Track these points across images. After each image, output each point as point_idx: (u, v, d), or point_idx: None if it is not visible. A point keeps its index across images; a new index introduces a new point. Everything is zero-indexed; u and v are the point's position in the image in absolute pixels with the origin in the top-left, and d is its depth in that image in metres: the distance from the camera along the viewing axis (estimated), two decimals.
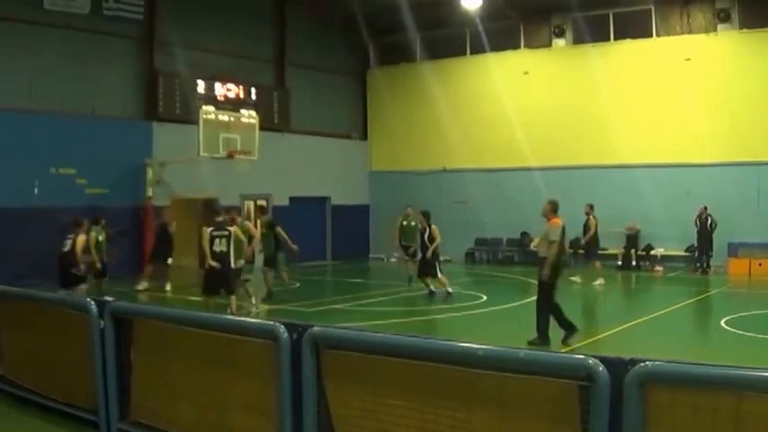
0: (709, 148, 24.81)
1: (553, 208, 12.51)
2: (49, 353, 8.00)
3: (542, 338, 12.07)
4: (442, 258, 24.37)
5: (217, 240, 13.48)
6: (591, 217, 21.84)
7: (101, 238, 15.86)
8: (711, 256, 24.03)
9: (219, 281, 13.74)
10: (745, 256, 24.21)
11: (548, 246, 12.10)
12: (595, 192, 26.21)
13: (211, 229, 13.64)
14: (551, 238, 12.09)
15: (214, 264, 13.56)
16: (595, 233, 21.84)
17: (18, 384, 8.38)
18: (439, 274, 17.97)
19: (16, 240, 19.98)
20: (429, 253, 17.92)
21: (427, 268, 18.09)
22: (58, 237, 20.72)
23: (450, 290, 17.87)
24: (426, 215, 18.57)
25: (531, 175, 27.39)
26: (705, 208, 23.67)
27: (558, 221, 12.31)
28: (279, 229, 17.77)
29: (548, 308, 12.22)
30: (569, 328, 12.19)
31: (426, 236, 18.15)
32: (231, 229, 13.95)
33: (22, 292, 9.29)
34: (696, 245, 24.50)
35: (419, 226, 18.78)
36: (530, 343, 11.66)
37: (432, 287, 18.30)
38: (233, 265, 14.07)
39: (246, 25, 27.62)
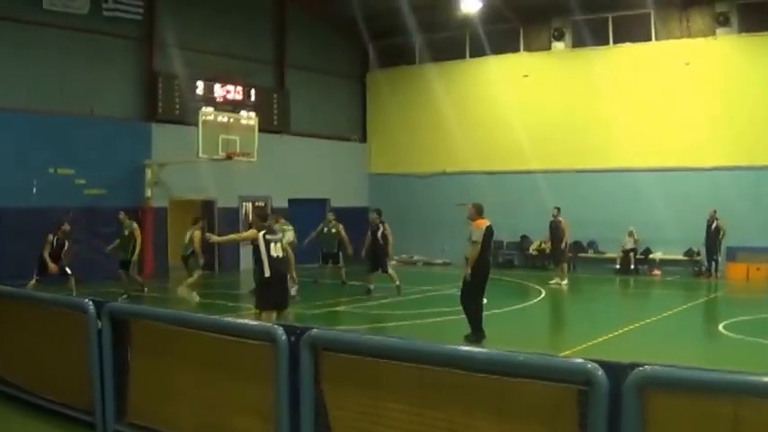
0: (709, 152, 24.81)
1: (478, 211, 12.87)
2: (46, 353, 7.98)
3: (476, 333, 12.47)
4: (440, 261, 24.41)
5: (272, 245, 11.72)
6: (562, 220, 22.22)
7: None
8: (716, 260, 24.01)
9: (279, 293, 11.94)
10: (744, 260, 24.20)
11: (471, 246, 12.52)
12: (594, 195, 26.34)
13: (264, 232, 11.79)
14: (473, 239, 12.48)
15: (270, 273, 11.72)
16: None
17: (15, 384, 8.36)
18: (389, 270, 19.19)
19: (15, 240, 19.97)
20: (390, 249, 19.35)
21: (383, 264, 19.18)
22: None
23: (372, 287, 19.16)
24: (379, 213, 19.63)
25: (531, 178, 27.46)
26: (714, 212, 23.61)
27: (481, 223, 12.62)
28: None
29: (474, 303, 12.71)
30: (479, 333, 12.56)
31: (380, 234, 19.09)
32: (281, 234, 12.29)
33: (19, 291, 9.28)
34: (704, 248, 24.43)
35: (372, 225, 19.54)
36: (465, 338, 12.02)
37: (371, 286, 19.29)
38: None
39: (246, 26, 27.64)
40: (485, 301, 13.11)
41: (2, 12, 21.09)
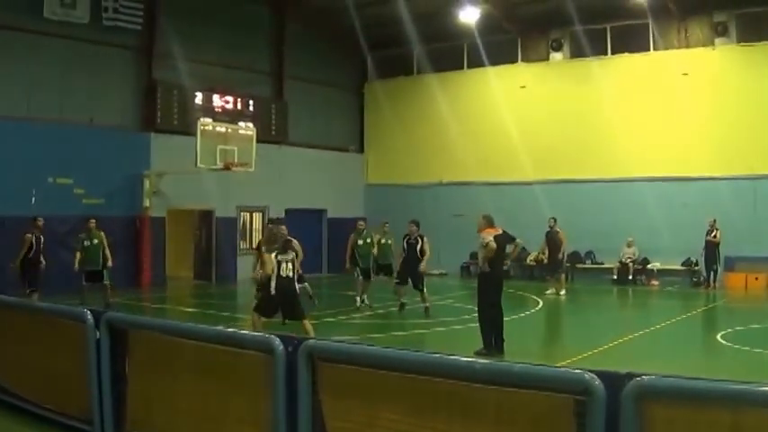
0: (707, 162, 24.85)
1: (488, 221, 13.00)
2: (44, 363, 7.96)
3: (488, 348, 12.35)
4: (436, 272, 24.23)
5: (283, 265, 12.00)
6: (559, 230, 22.53)
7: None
8: (715, 270, 24.03)
9: (284, 305, 12.34)
10: (742, 270, 24.23)
11: (482, 248, 12.67)
12: (591, 205, 26.38)
13: (276, 253, 12.09)
14: (482, 243, 12.62)
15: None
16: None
17: (13, 394, 8.34)
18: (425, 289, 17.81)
19: (13, 250, 19.91)
20: (423, 265, 17.70)
21: (418, 280, 17.77)
22: (56, 246, 20.74)
23: (405, 301, 18.04)
24: (418, 225, 18.21)
25: (529, 189, 27.47)
26: (714, 221, 23.63)
27: (491, 231, 12.75)
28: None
29: (488, 316, 12.63)
30: (490, 348, 12.40)
31: (419, 248, 17.75)
32: (292, 254, 12.36)
33: (17, 301, 9.28)
34: (703, 258, 24.40)
35: (411, 237, 18.01)
36: (476, 353, 11.79)
37: (403, 300, 18.20)
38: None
39: (245, 37, 27.69)
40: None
41: (2, 20, 21.11)
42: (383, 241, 19.61)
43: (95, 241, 17.40)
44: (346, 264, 19.01)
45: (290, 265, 12.05)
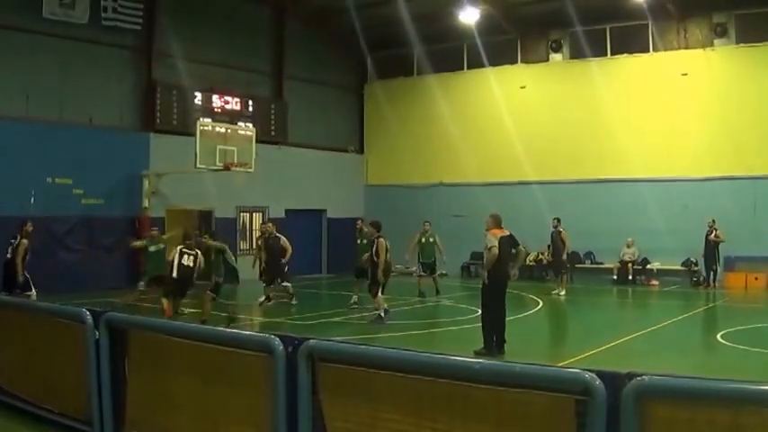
0: (706, 163, 24.87)
1: (495, 221, 12.97)
2: (44, 363, 7.96)
3: (488, 348, 12.37)
4: (438, 272, 24.30)
5: (185, 257, 15.51)
6: (563, 231, 22.63)
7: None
8: (715, 270, 24.03)
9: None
10: (742, 269, 24.25)
11: (487, 251, 12.58)
12: (591, 206, 26.36)
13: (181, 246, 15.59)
14: (488, 245, 12.56)
15: None
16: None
17: (13, 394, 8.33)
18: (379, 295, 16.54)
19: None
20: (379, 272, 16.31)
21: (370, 285, 16.80)
22: (55, 247, 20.77)
23: (382, 314, 16.45)
24: (377, 226, 17.12)
25: (529, 189, 27.46)
26: (713, 221, 23.67)
27: (497, 232, 12.69)
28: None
29: (491, 316, 12.63)
30: (490, 348, 12.37)
31: (374, 250, 16.52)
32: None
33: (16, 301, 9.27)
34: (702, 258, 24.43)
35: (367, 239, 17.43)
36: (476, 353, 11.82)
37: (354, 297, 18.43)
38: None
39: (245, 38, 27.69)
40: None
41: (1, 20, 21.09)
42: (424, 240, 21.03)
43: (162, 246, 18.10)
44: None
45: (191, 258, 15.17)
